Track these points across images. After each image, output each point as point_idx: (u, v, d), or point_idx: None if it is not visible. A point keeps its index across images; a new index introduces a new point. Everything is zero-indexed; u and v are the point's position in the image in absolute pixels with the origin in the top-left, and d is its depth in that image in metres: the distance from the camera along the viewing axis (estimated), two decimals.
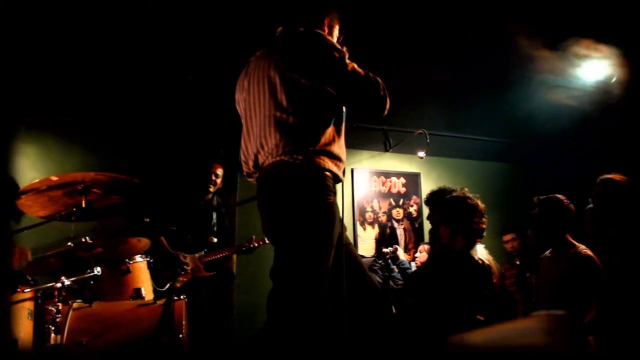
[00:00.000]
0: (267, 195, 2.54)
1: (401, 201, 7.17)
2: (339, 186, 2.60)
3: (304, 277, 2.38)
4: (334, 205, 2.50)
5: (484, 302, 3.31)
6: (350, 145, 6.72)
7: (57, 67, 4.80)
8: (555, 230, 3.82)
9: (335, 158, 2.55)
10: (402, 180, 7.25)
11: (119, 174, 3.29)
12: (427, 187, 6.71)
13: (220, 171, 5.17)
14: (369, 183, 7.03)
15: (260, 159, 2.56)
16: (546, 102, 6.15)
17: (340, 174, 2.60)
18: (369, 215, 6.89)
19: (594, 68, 5.72)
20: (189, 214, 5.03)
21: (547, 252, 4.03)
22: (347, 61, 2.56)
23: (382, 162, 7.21)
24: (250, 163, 2.65)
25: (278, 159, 2.47)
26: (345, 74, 2.52)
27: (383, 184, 7.12)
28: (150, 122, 5.71)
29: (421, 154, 6.88)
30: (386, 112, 2.69)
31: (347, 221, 6.75)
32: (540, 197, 4.03)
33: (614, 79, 5.71)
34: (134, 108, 5.57)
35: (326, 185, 2.48)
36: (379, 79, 2.64)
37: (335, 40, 2.86)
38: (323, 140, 2.51)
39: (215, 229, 5.21)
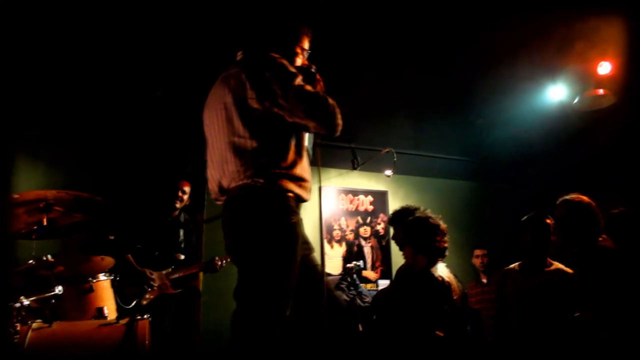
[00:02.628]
0: (230, 217, 2.55)
1: (368, 219, 7.21)
2: (308, 204, 2.62)
3: (267, 297, 2.40)
4: (297, 225, 2.52)
5: (444, 318, 3.36)
6: (318, 163, 6.79)
7: (23, 81, 4.76)
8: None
9: (298, 179, 2.58)
10: (370, 198, 7.30)
11: (81, 192, 3.28)
12: (394, 205, 6.76)
13: (187, 188, 5.15)
14: (336, 201, 7.06)
15: (225, 183, 2.58)
16: (512, 122, 6.28)
17: (304, 194, 2.62)
18: (336, 233, 6.92)
19: (559, 90, 5.86)
20: (155, 230, 5.00)
21: (514, 266, 4.08)
22: (298, 82, 2.57)
23: (350, 180, 7.26)
24: (216, 188, 2.67)
25: (241, 183, 2.49)
26: (293, 96, 2.52)
27: (351, 202, 7.16)
28: (118, 138, 5.67)
29: (388, 172, 6.94)
30: (338, 134, 2.68)
31: (315, 239, 6.75)
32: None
33: (576, 101, 5.84)
34: (101, 124, 5.53)
35: (288, 205, 2.50)
36: (330, 100, 2.64)
37: (299, 58, 2.90)
38: (284, 162, 2.53)
39: (182, 246, 5.19)
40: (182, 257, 5.05)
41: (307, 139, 3.03)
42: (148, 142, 5.78)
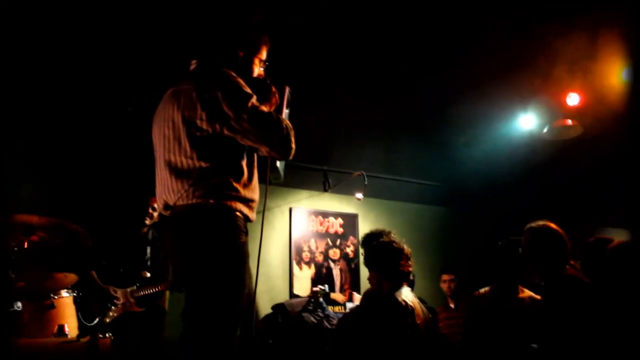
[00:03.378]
0: (178, 236, 2.52)
1: (338, 241, 7.22)
2: (277, 225, 2.62)
3: (217, 317, 2.38)
4: (245, 245, 2.52)
5: (406, 342, 3.36)
6: (289, 184, 6.84)
7: None
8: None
9: (248, 200, 2.57)
10: (340, 220, 7.31)
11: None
12: (364, 228, 6.78)
13: (157, 205, 5.11)
14: (306, 222, 7.06)
15: (169, 201, 2.54)
16: (482, 149, 6.36)
17: (251, 214, 2.61)
18: (305, 255, 6.91)
19: (530, 119, 5.96)
20: (121, 247, 4.94)
21: (485, 291, 4.10)
22: (252, 103, 2.53)
23: (320, 202, 7.27)
24: (161, 205, 2.63)
25: (190, 202, 2.46)
26: (246, 119, 2.49)
27: (321, 223, 7.17)
28: (86, 153, 5.61)
29: (359, 195, 6.97)
30: (291, 157, 2.67)
31: (284, 260, 6.76)
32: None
33: (545, 130, 5.93)
34: (70, 138, 5.47)
35: (237, 225, 2.49)
36: (284, 122, 2.62)
37: (256, 68, 2.87)
38: (235, 184, 2.51)
39: (148, 263, 5.13)
40: (148, 274, 4.99)
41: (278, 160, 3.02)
42: (119, 158, 5.72)
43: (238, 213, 2.50)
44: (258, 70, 2.90)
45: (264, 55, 2.91)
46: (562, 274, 3.46)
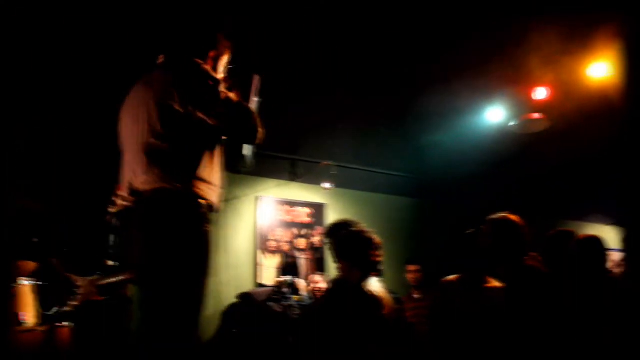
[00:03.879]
0: (141, 223, 2.48)
1: (305, 231, 7.18)
2: (244, 214, 2.61)
3: (178, 307, 2.34)
4: (209, 234, 2.49)
5: (375, 332, 3.35)
6: (257, 173, 6.78)
7: None
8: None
9: (211, 184, 2.56)
10: (308, 210, 7.27)
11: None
12: (332, 218, 6.76)
13: (122, 192, 5.01)
14: (274, 212, 7.00)
15: (136, 185, 2.51)
16: (451, 141, 6.40)
17: (216, 202, 2.60)
18: (271, 244, 6.85)
19: (498, 112, 6.01)
20: (84, 234, 4.84)
21: (454, 279, 4.11)
22: (222, 89, 2.61)
23: (288, 191, 7.22)
24: (126, 190, 2.59)
25: (157, 186, 2.43)
26: (217, 102, 2.56)
27: (288, 213, 7.12)
28: (49, 137, 5.48)
29: (327, 185, 6.96)
30: (259, 141, 2.75)
31: (249, 249, 6.70)
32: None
33: (513, 123, 5.99)
34: (33, 122, 5.34)
35: (203, 213, 2.47)
36: (252, 108, 2.73)
37: (221, 69, 2.91)
38: (199, 167, 2.51)
39: (112, 252, 5.03)
40: (112, 263, 4.89)
41: (246, 147, 3.02)
42: (80, 145, 5.60)
43: (203, 201, 2.49)
44: (224, 72, 2.95)
45: (226, 58, 2.96)
46: (521, 265, 3.48)
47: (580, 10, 4.24)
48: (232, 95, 2.66)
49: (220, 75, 2.88)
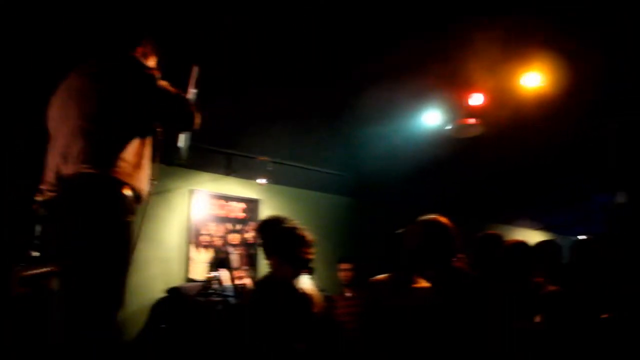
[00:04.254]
0: (64, 210, 2.43)
1: (239, 226, 7.12)
2: (177, 207, 2.58)
3: (97, 299, 2.28)
4: (131, 225, 2.46)
5: (304, 330, 3.35)
6: (192, 166, 6.68)
7: None
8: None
9: (139, 171, 2.54)
10: (242, 205, 7.22)
11: None
12: (266, 214, 6.72)
13: (48, 179, 4.84)
14: (207, 205, 6.92)
15: (64, 170, 2.46)
16: (387, 141, 6.45)
17: (144, 190, 2.58)
18: (204, 238, 6.77)
19: (435, 115, 6.09)
20: (6, 223, 4.66)
21: (384, 279, 4.13)
22: (159, 79, 2.63)
23: (223, 185, 7.14)
24: (53, 178, 2.53)
25: (79, 168, 2.39)
26: (153, 89, 2.57)
27: (222, 207, 7.04)
28: None
29: (262, 180, 6.92)
30: (196, 126, 2.79)
31: (181, 243, 6.59)
32: None
33: (449, 127, 6.07)
34: None
35: (125, 202, 2.44)
36: (187, 96, 2.77)
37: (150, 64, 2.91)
38: (128, 153, 2.48)
39: (36, 242, 4.85)
40: (36, 254, 4.71)
41: (181, 139, 2.99)
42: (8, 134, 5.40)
43: (127, 189, 2.45)
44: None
45: (152, 60, 2.97)
46: (449, 267, 3.52)
47: (517, 20, 4.34)
48: (165, 84, 2.65)
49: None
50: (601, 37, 4.58)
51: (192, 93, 3.00)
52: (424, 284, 3.95)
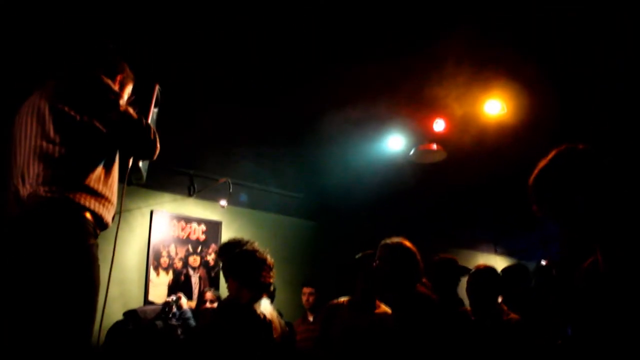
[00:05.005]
0: (23, 234, 2.29)
1: (199, 248, 7.02)
2: (136, 227, 2.51)
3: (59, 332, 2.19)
4: (93, 247, 2.36)
5: (262, 355, 3.29)
6: (153, 186, 6.58)
7: None
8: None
9: (101, 197, 2.45)
10: (203, 227, 7.12)
11: None
12: (227, 236, 6.63)
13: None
14: (168, 227, 6.80)
15: (22, 192, 2.36)
16: (350, 165, 6.46)
17: (106, 216, 2.50)
18: (164, 260, 6.64)
19: (398, 140, 6.12)
20: None
21: (343, 301, 4.10)
22: (122, 103, 2.58)
23: (184, 206, 7.04)
24: (12, 200, 2.42)
25: (34, 190, 2.30)
26: (115, 113, 2.52)
27: (182, 229, 6.94)
28: None
29: (223, 202, 6.86)
30: (155, 157, 2.74)
31: (140, 264, 6.46)
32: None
33: (412, 153, 6.11)
34: None
35: (83, 225, 2.34)
36: (150, 124, 2.71)
37: (125, 95, 2.85)
38: (88, 177, 2.40)
39: None
40: None
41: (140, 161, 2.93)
42: None
43: (87, 213, 2.37)
44: (126, 99, 2.89)
45: (128, 88, 2.93)
46: (413, 292, 3.50)
47: (480, 48, 4.40)
48: (131, 110, 2.61)
49: (123, 97, 2.81)
50: (561, 66, 4.69)
51: (153, 112, 2.95)
52: (384, 308, 3.93)
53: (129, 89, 2.90)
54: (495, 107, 5.33)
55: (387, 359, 3.49)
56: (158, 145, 2.70)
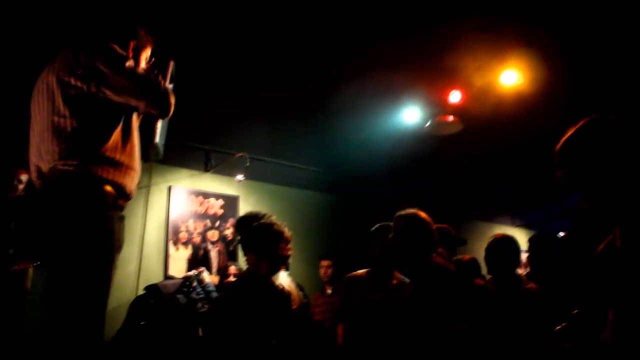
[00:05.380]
0: (43, 208, 2.36)
1: (217, 223, 7.06)
2: (155, 204, 2.53)
3: (82, 298, 2.23)
4: (111, 220, 2.39)
5: (280, 327, 3.33)
6: (170, 162, 6.62)
7: None
8: None
9: (120, 165, 2.47)
10: (221, 202, 7.16)
11: None
12: (245, 210, 6.66)
13: (23, 177, 4.78)
14: (185, 202, 6.85)
15: (43, 167, 2.41)
16: (366, 137, 6.45)
17: (129, 184, 2.51)
18: (182, 235, 6.70)
19: (414, 112, 6.10)
20: None
21: (362, 274, 4.13)
22: (129, 64, 2.56)
23: (201, 182, 7.08)
24: (35, 175, 2.48)
25: (54, 164, 2.34)
26: (122, 75, 2.50)
27: (200, 204, 6.98)
28: None
29: (239, 177, 6.88)
30: (170, 115, 2.72)
31: (159, 240, 6.53)
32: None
33: (427, 124, 6.09)
34: None
35: (101, 198, 2.36)
36: (162, 82, 2.68)
37: (142, 61, 2.86)
38: (104, 146, 2.42)
39: (12, 239, 4.77)
40: (11, 251, 4.64)
41: (158, 134, 2.95)
42: None
43: (107, 186, 2.39)
44: (144, 64, 2.89)
45: (148, 51, 2.92)
46: (429, 262, 3.52)
47: (496, 18, 4.36)
48: (140, 70, 2.63)
49: (141, 65, 2.82)
50: (578, 35, 4.63)
51: (169, 87, 2.96)
52: (402, 279, 3.95)
53: (147, 53, 2.89)
54: (511, 77, 5.28)
55: (406, 329, 3.51)
56: (172, 99, 2.69)
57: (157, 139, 2.94)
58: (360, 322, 3.91)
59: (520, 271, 4.42)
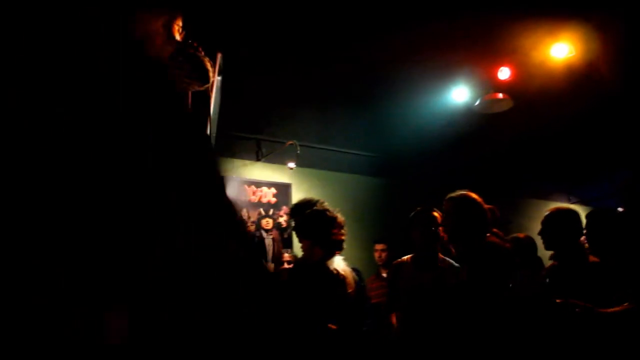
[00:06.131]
0: None
1: (271, 211, 7.15)
2: None
3: None
4: None
5: (337, 311, 3.36)
6: (221, 153, 6.69)
7: None
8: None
9: None
10: (273, 190, 7.24)
11: None
12: (297, 197, 6.72)
13: None
14: (239, 192, 6.95)
15: None
16: (416, 120, 6.42)
17: None
18: None
19: (462, 91, 6.04)
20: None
21: (407, 259, 4.12)
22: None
23: (253, 171, 7.16)
24: None
25: None
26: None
27: (253, 193, 7.07)
28: None
29: (291, 164, 6.93)
30: (209, 82, 2.62)
31: None
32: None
33: (477, 103, 6.02)
34: None
35: None
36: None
37: (176, 34, 2.85)
38: None
39: None
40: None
41: (209, 125, 2.98)
42: None
43: None
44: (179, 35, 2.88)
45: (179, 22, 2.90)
46: (483, 242, 3.48)
47: None
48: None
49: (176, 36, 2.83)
50: (631, 4, 4.49)
51: (217, 80, 2.97)
52: (449, 262, 3.93)
53: (178, 25, 2.90)
54: (562, 50, 5.15)
55: (454, 312, 3.50)
56: (210, 67, 2.55)
57: (209, 130, 2.97)
58: (410, 307, 3.92)
59: None
